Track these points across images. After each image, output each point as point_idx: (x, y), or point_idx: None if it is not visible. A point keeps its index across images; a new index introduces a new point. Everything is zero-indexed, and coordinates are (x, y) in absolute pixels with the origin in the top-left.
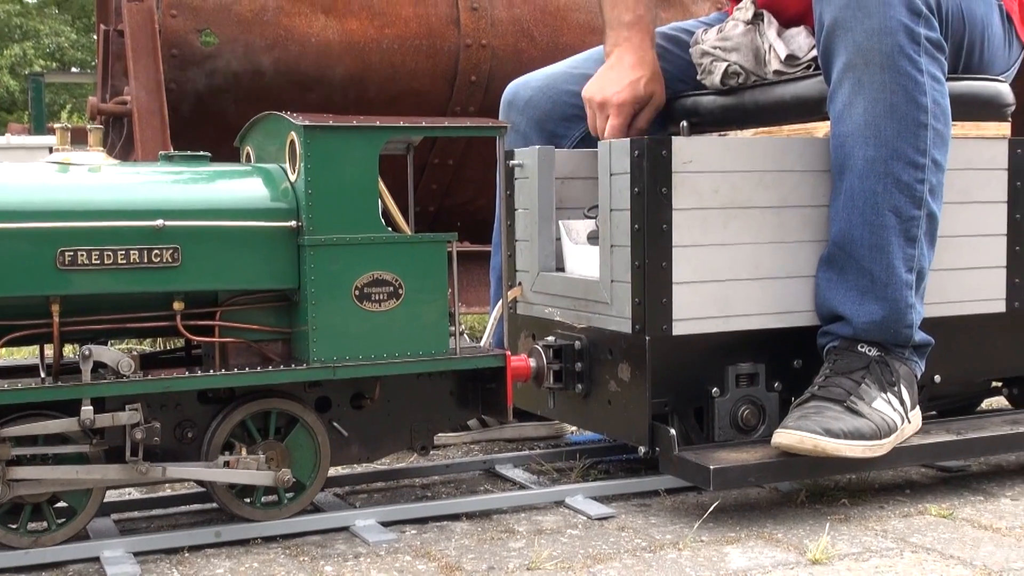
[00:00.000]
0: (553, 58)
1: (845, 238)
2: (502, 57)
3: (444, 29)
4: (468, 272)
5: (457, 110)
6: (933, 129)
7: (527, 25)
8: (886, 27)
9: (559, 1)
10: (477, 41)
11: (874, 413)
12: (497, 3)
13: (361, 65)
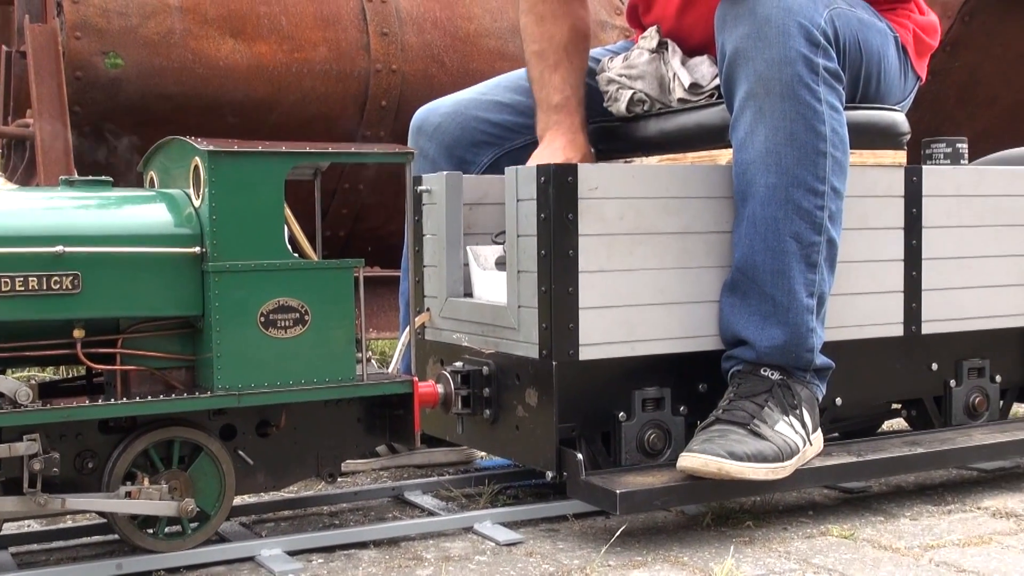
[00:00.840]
0: (464, 84)
1: (748, 264)
2: (412, 82)
3: (354, 54)
4: (379, 298)
5: (368, 135)
6: (832, 157)
7: (438, 51)
8: (786, 57)
9: (469, 27)
10: (387, 66)
11: (777, 436)
12: (407, 28)
13: (270, 89)
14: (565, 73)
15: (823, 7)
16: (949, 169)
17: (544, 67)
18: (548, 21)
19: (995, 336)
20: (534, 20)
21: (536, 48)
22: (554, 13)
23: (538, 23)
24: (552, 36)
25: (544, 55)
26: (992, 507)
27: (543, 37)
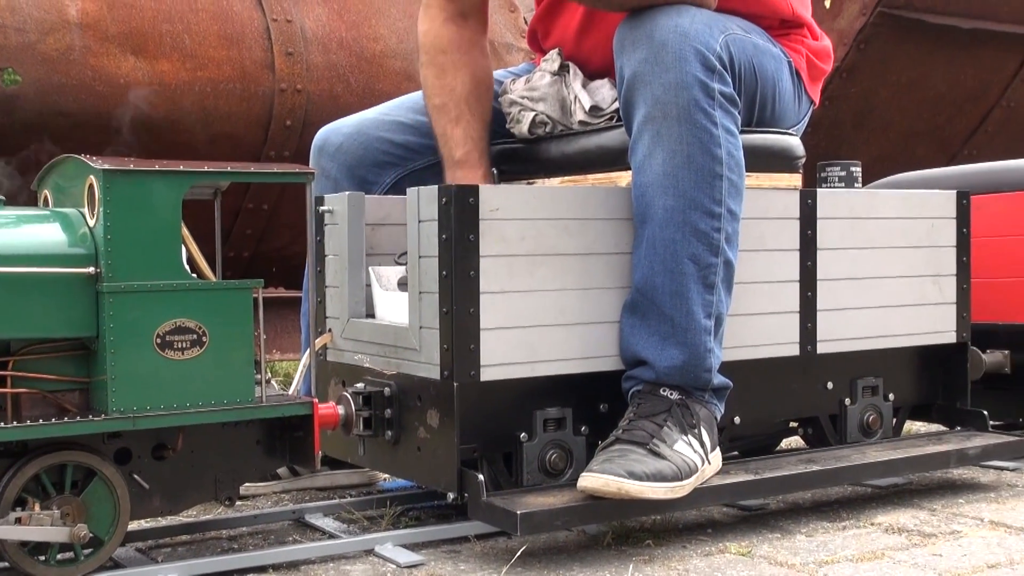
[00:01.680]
0: (369, 104)
1: (647, 285)
2: (318, 102)
3: (258, 73)
4: (282, 318)
5: (272, 154)
6: (728, 180)
7: (343, 71)
8: (682, 82)
9: (375, 48)
10: (292, 86)
11: (675, 455)
12: (313, 48)
13: (172, 108)
14: (466, 126)
15: (718, 33)
16: (843, 192)
17: (446, 122)
18: (448, 73)
19: (888, 355)
20: (434, 73)
21: (438, 102)
22: (454, 64)
23: (438, 76)
24: (453, 88)
25: (445, 109)
26: (885, 523)
27: (444, 90)
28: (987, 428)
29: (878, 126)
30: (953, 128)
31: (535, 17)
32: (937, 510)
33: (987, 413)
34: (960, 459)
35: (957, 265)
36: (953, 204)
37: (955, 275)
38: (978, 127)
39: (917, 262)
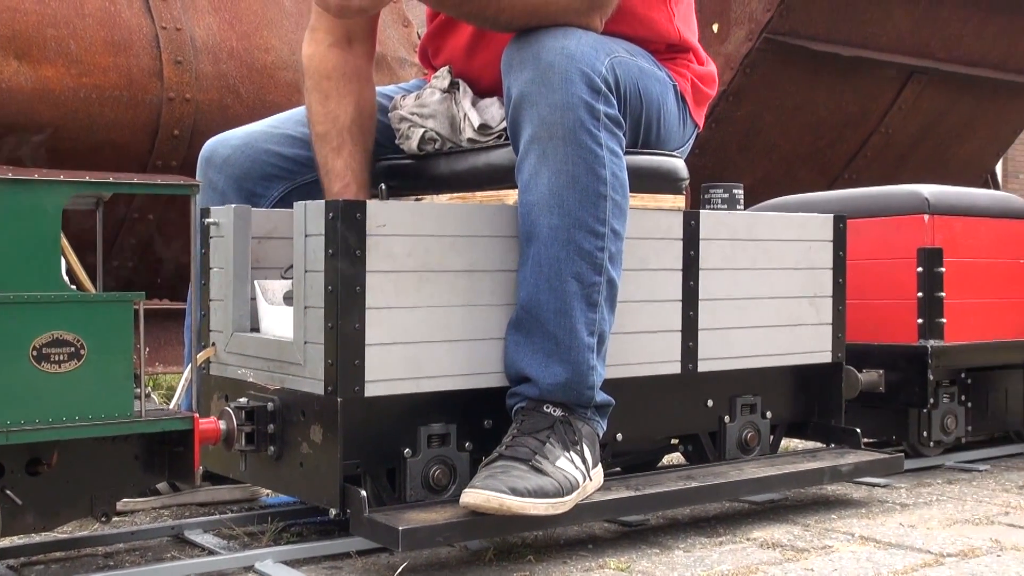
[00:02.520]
0: (259, 115)
1: (532, 302)
2: (206, 112)
3: (146, 81)
4: (167, 331)
5: (159, 164)
6: (612, 200)
7: (233, 81)
8: (568, 103)
9: (267, 59)
10: (181, 95)
11: (557, 471)
12: (202, 57)
13: (56, 115)
14: (347, 157)
15: (604, 55)
16: (725, 214)
17: (328, 151)
18: (332, 100)
19: (766, 374)
20: (318, 99)
21: (320, 130)
22: (339, 92)
23: (322, 102)
24: (336, 117)
25: (328, 138)
26: (760, 538)
27: (327, 118)
28: (860, 445)
29: (763, 149)
30: (834, 152)
31: (426, 34)
32: (811, 525)
33: (860, 431)
34: (834, 476)
35: (833, 287)
36: (830, 227)
37: (831, 296)
38: (858, 152)
39: (795, 283)
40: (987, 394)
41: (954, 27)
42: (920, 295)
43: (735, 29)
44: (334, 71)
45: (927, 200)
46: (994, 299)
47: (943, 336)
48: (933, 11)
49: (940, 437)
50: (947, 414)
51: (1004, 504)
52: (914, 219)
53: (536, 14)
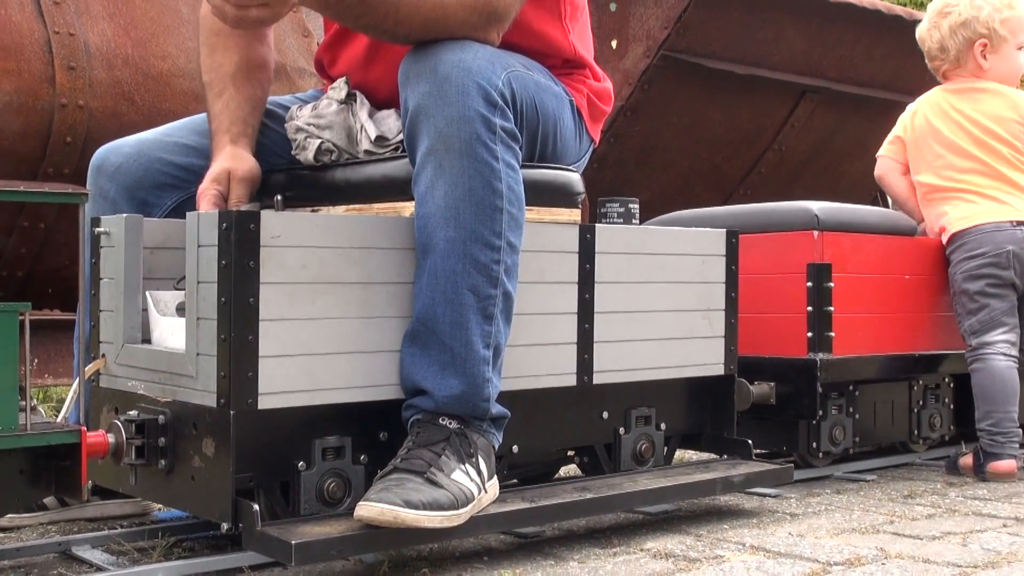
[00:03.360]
0: (155, 123)
1: (428, 315)
2: (100, 119)
3: (38, 87)
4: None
5: (50, 171)
6: (508, 213)
7: (128, 88)
8: (464, 116)
9: (163, 66)
10: (74, 101)
11: (452, 484)
12: (96, 64)
13: None
14: (227, 99)
15: (501, 70)
16: (621, 228)
17: (212, 97)
18: (219, 52)
19: (661, 386)
20: (206, 52)
21: (206, 79)
22: (225, 45)
23: (209, 54)
24: (220, 65)
25: (212, 84)
26: (654, 548)
27: (212, 67)
28: (752, 457)
29: (660, 164)
30: (730, 168)
31: (322, 45)
32: (703, 535)
33: (752, 442)
34: (726, 486)
35: (726, 301)
36: (723, 242)
37: (724, 310)
38: (752, 168)
39: (689, 297)
40: (874, 406)
41: (845, 48)
42: (810, 309)
43: (633, 46)
44: (223, 28)
45: (817, 216)
46: (881, 313)
47: (832, 349)
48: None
49: (829, 448)
50: (835, 425)
51: (889, 513)
52: (804, 235)
53: (434, 27)
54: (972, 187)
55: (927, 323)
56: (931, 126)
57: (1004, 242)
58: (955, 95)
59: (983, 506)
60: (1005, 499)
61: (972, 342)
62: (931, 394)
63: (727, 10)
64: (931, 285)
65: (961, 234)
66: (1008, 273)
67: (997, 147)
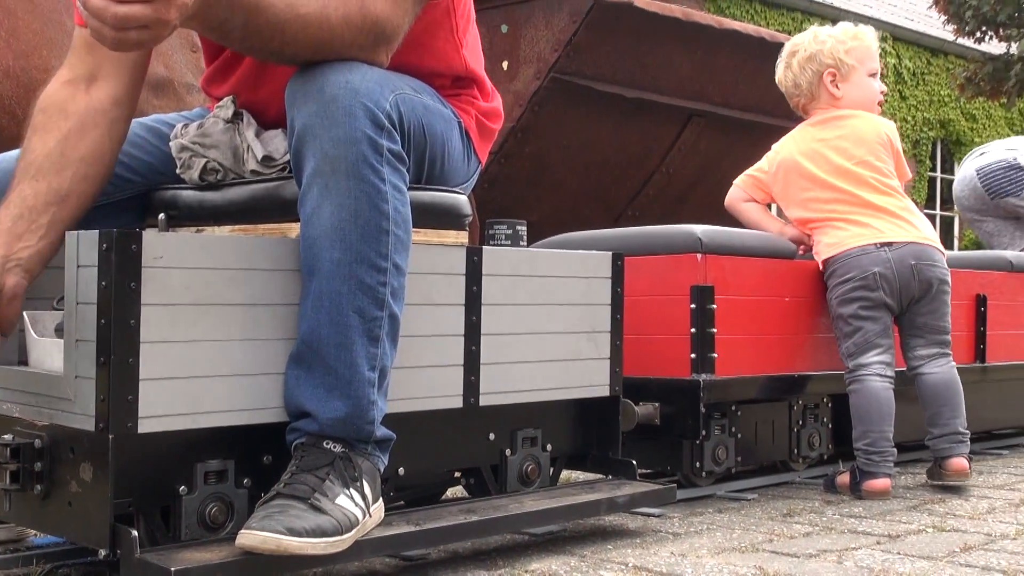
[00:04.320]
0: None
1: (313, 337)
2: None
3: None
4: None
5: None
6: (395, 235)
7: (8, 102)
8: (351, 137)
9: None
10: None
11: (336, 509)
12: None
13: None
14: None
15: (389, 92)
16: (507, 250)
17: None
18: (37, 134)
19: (547, 407)
20: (28, 131)
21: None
22: (45, 127)
23: (28, 136)
24: (30, 150)
25: (15, 169)
26: (538, 570)
27: (24, 150)
28: (636, 477)
29: (550, 185)
30: (618, 190)
31: (209, 65)
32: (587, 556)
33: (637, 462)
34: (610, 507)
35: (611, 322)
36: (609, 264)
37: (610, 332)
38: (640, 190)
39: (575, 319)
40: (755, 425)
41: (729, 74)
42: (693, 331)
43: (524, 67)
44: (51, 106)
45: (700, 239)
46: (762, 335)
47: (714, 370)
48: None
49: (711, 468)
50: (718, 445)
51: (769, 532)
52: (688, 257)
53: (321, 49)
54: (838, 215)
55: (807, 344)
56: (795, 162)
57: (870, 264)
58: (817, 127)
59: (858, 524)
60: (879, 516)
61: (849, 364)
62: (810, 414)
63: (616, 35)
64: (810, 307)
65: (832, 260)
66: (878, 294)
67: (860, 173)
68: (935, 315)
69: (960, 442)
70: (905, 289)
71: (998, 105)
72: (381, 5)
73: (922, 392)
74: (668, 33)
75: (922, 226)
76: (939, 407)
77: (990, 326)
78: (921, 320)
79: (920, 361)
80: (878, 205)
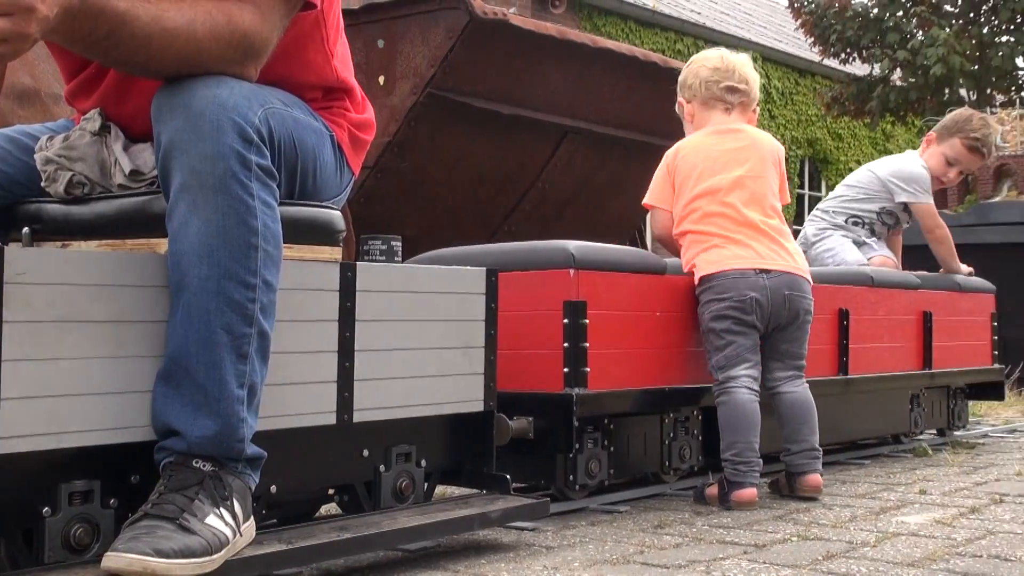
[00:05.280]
0: None
1: (181, 354)
2: None
3: None
4: None
5: None
6: (264, 251)
7: None
8: (219, 152)
9: None
10: None
11: (206, 529)
12: None
13: None
14: None
15: (258, 106)
16: (382, 266)
17: None
18: None
19: (422, 423)
20: None
21: None
22: None
23: None
24: None
25: None
26: None
27: None
28: (510, 491)
29: (427, 200)
30: (495, 206)
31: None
32: (460, 571)
33: (511, 477)
34: (483, 522)
35: (486, 338)
36: (483, 280)
37: (484, 347)
38: (516, 206)
39: (450, 334)
40: (628, 439)
41: (605, 91)
42: (566, 345)
43: (400, 82)
44: None
45: (573, 255)
46: (634, 349)
47: (587, 384)
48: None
49: (585, 481)
50: (591, 459)
51: (640, 543)
52: (561, 273)
53: (188, 62)
54: (721, 231)
55: (678, 358)
56: (688, 171)
57: (747, 289)
58: (713, 136)
59: (727, 534)
60: (747, 527)
61: (719, 376)
62: (681, 426)
63: (493, 51)
64: (681, 321)
65: (709, 277)
66: (751, 317)
67: (752, 186)
68: (796, 343)
69: (816, 458)
70: (775, 316)
71: (863, 124)
72: (249, 18)
73: (781, 409)
74: (544, 51)
75: (796, 254)
76: (798, 424)
77: (852, 340)
78: (784, 347)
79: (778, 381)
80: (759, 227)
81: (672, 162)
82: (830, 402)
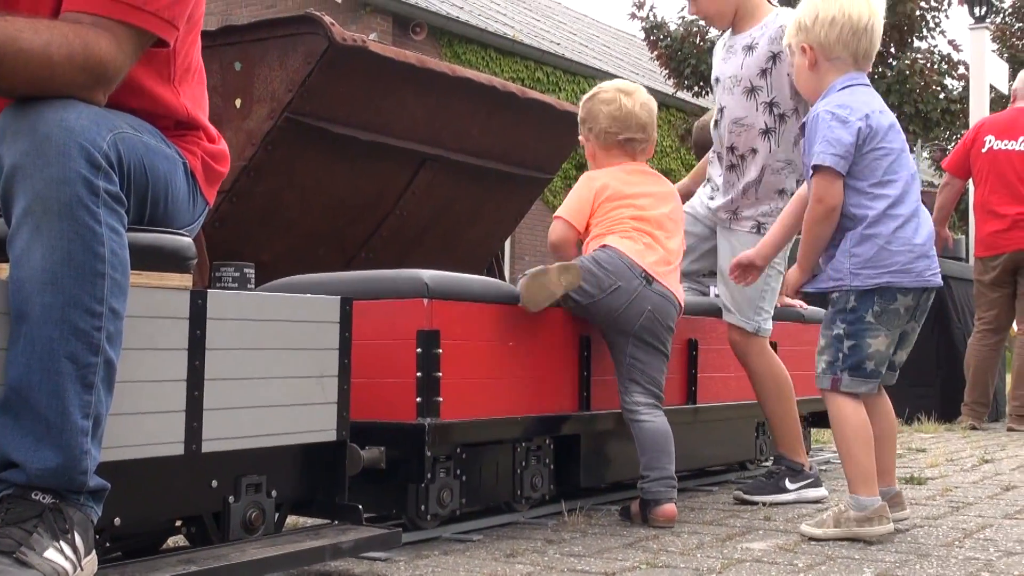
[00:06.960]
0: None
1: (22, 383)
2: None
3: None
4: None
5: None
6: (111, 278)
7: None
8: (65, 177)
9: None
10: None
11: (45, 563)
12: None
13: None
14: None
15: (106, 131)
16: (234, 294)
17: None
18: None
19: (273, 453)
20: None
21: None
22: None
23: None
24: None
25: None
26: None
27: None
28: (362, 522)
29: (283, 225)
30: (352, 232)
31: None
32: None
33: (363, 506)
34: (335, 553)
35: (339, 367)
36: (337, 309)
37: (337, 376)
38: (374, 233)
39: (303, 363)
40: (480, 468)
41: (463, 120)
42: (419, 375)
43: (257, 107)
44: None
45: (427, 284)
46: (487, 379)
47: (439, 414)
48: (444, 104)
49: (437, 510)
50: (443, 488)
51: (492, 572)
52: (414, 302)
53: (39, 84)
54: (639, 230)
55: (531, 387)
56: (614, 195)
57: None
58: (637, 175)
59: (578, 562)
60: (598, 555)
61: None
62: (533, 456)
63: (352, 77)
64: (534, 351)
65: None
66: None
67: (667, 229)
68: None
69: (672, 487)
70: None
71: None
72: (106, 46)
73: (641, 437)
74: (403, 78)
75: (680, 293)
76: (657, 453)
77: (700, 369)
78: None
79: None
80: (671, 258)
81: (598, 185)
82: (680, 430)
